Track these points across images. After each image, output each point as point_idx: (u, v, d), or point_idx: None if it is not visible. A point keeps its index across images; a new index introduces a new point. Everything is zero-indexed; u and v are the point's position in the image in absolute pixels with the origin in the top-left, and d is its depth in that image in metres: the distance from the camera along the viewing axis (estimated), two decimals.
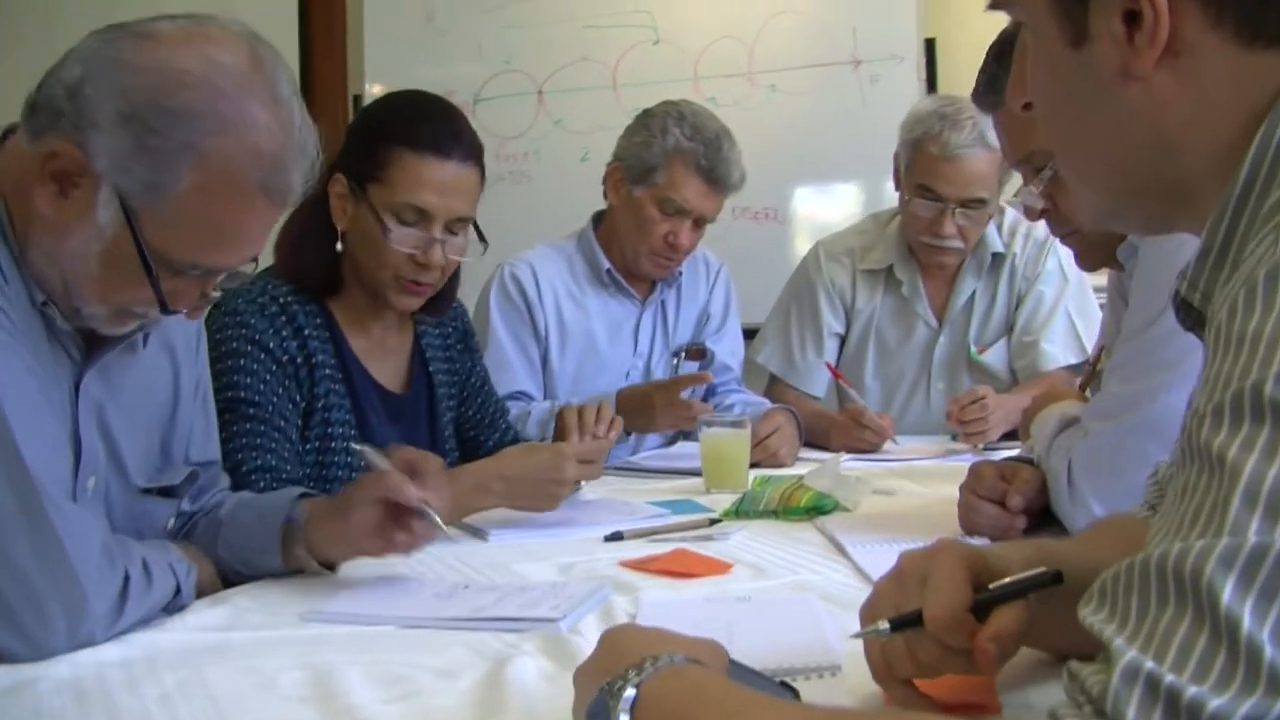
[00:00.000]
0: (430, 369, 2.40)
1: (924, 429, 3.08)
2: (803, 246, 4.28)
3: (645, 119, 3.03)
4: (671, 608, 1.53)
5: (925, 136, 3.02)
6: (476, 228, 2.25)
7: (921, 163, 3.03)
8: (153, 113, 1.34)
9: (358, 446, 1.71)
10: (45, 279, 1.43)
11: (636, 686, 0.89)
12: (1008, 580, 1.08)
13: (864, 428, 2.92)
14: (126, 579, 1.37)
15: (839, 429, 2.97)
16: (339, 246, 2.18)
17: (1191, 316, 0.95)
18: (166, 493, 1.66)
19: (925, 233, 3.07)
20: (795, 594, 1.61)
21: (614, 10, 4.43)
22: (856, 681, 1.18)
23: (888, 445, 2.92)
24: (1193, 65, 0.88)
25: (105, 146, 1.35)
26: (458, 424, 2.51)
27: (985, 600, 1.06)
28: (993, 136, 2.87)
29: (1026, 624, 1.05)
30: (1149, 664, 0.68)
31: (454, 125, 2.20)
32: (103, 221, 1.38)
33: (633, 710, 0.88)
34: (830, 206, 4.37)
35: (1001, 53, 1.92)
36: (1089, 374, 2.22)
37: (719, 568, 1.76)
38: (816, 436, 3.01)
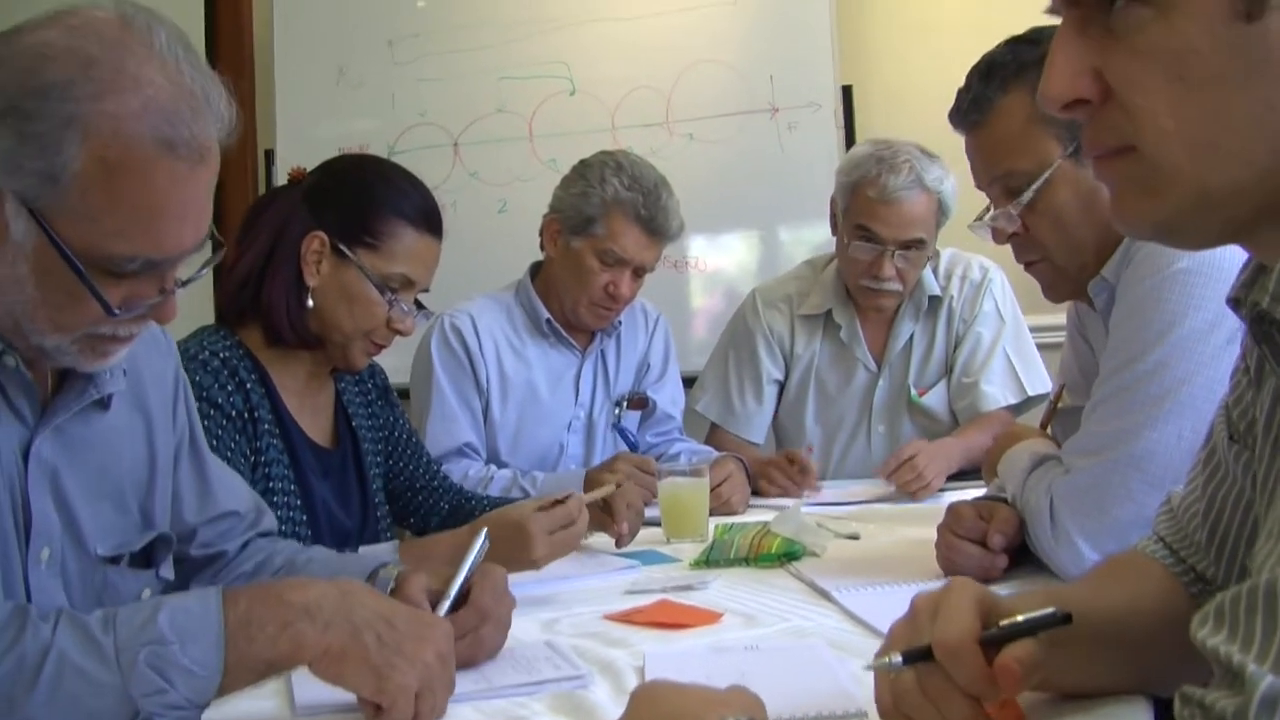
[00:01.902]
0: (354, 424, 2.40)
1: (866, 472, 3.08)
2: (724, 293, 4.31)
3: (582, 169, 3.02)
4: (678, 659, 1.51)
5: (863, 180, 3.04)
6: (416, 300, 2.30)
7: (859, 205, 3.05)
8: (23, 97, 1.26)
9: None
10: None
11: None
12: (1019, 618, 1.08)
13: (791, 464, 2.93)
14: None
15: (765, 469, 2.98)
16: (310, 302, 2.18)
17: (1263, 329, 0.95)
18: (141, 564, 1.58)
19: (864, 275, 3.08)
20: (797, 640, 1.60)
21: (530, 61, 4.41)
22: None
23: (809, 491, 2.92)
24: None
25: None
26: (388, 479, 2.50)
27: (995, 637, 1.06)
28: (930, 179, 2.93)
29: (1038, 661, 1.04)
30: None
31: (434, 202, 2.30)
32: (19, 237, 1.30)
33: None
34: (750, 253, 4.38)
35: (989, 73, 1.92)
36: (1049, 412, 2.23)
37: (708, 617, 1.74)
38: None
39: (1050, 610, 1.07)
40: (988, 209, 2.00)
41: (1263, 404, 1.08)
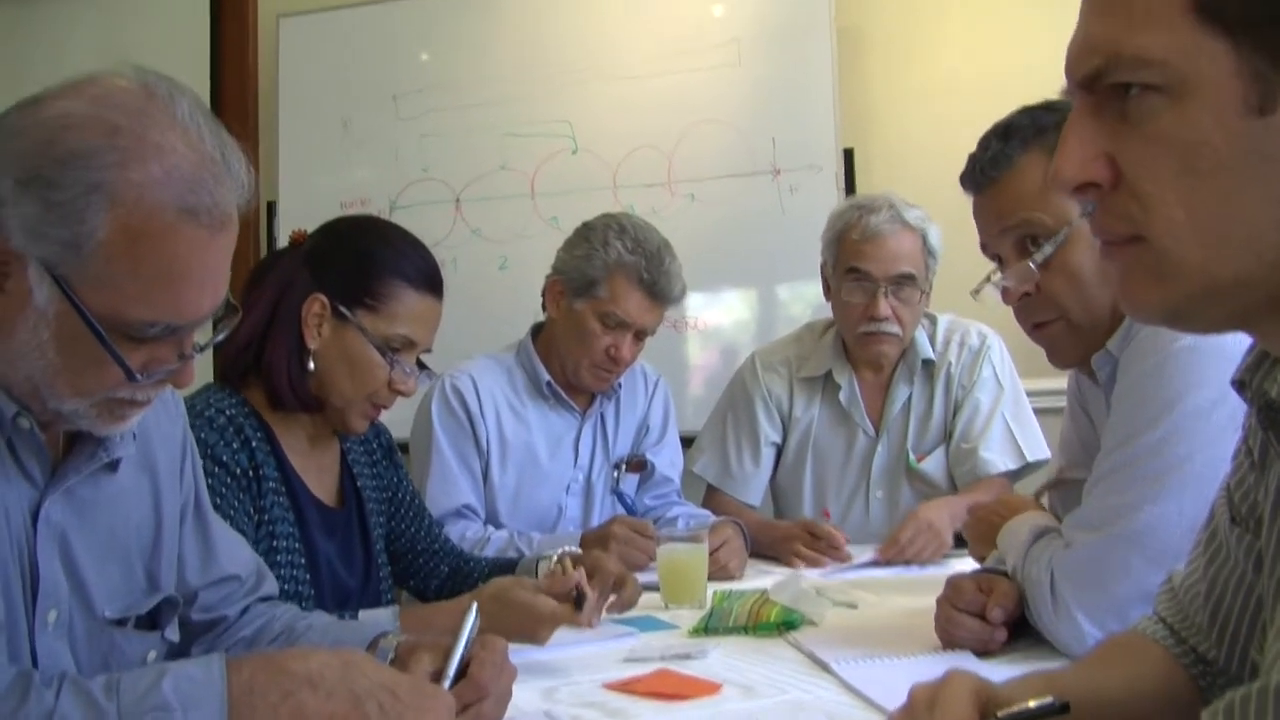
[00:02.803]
0: (358, 484, 2.39)
1: (864, 538, 3.07)
2: (721, 352, 4.32)
3: (585, 232, 3.03)
4: None
5: (846, 227, 3.12)
6: (418, 360, 2.30)
7: (846, 250, 3.11)
8: (46, 165, 1.27)
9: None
10: (12, 385, 1.36)
11: None
12: (1016, 708, 1.08)
13: (818, 539, 2.92)
14: None
15: (789, 542, 2.95)
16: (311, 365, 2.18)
17: (1271, 417, 0.95)
18: (147, 626, 1.57)
19: (861, 320, 3.10)
20: (796, 714, 1.59)
21: (533, 119, 4.45)
22: None
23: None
24: None
25: (16, 220, 1.28)
26: (389, 539, 2.48)
27: None
28: (911, 216, 3.01)
29: None
30: None
31: (435, 262, 2.29)
32: (42, 303, 1.30)
33: None
34: (749, 313, 4.39)
35: (1008, 134, 1.93)
36: (1043, 489, 2.22)
37: (708, 688, 1.74)
38: (762, 547, 2.99)
39: (1048, 700, 1.07)
40: (989, 275, 2.00)
41: (1268, 488, 1.09)
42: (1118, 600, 1.72)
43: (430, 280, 2.25)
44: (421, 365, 2.29)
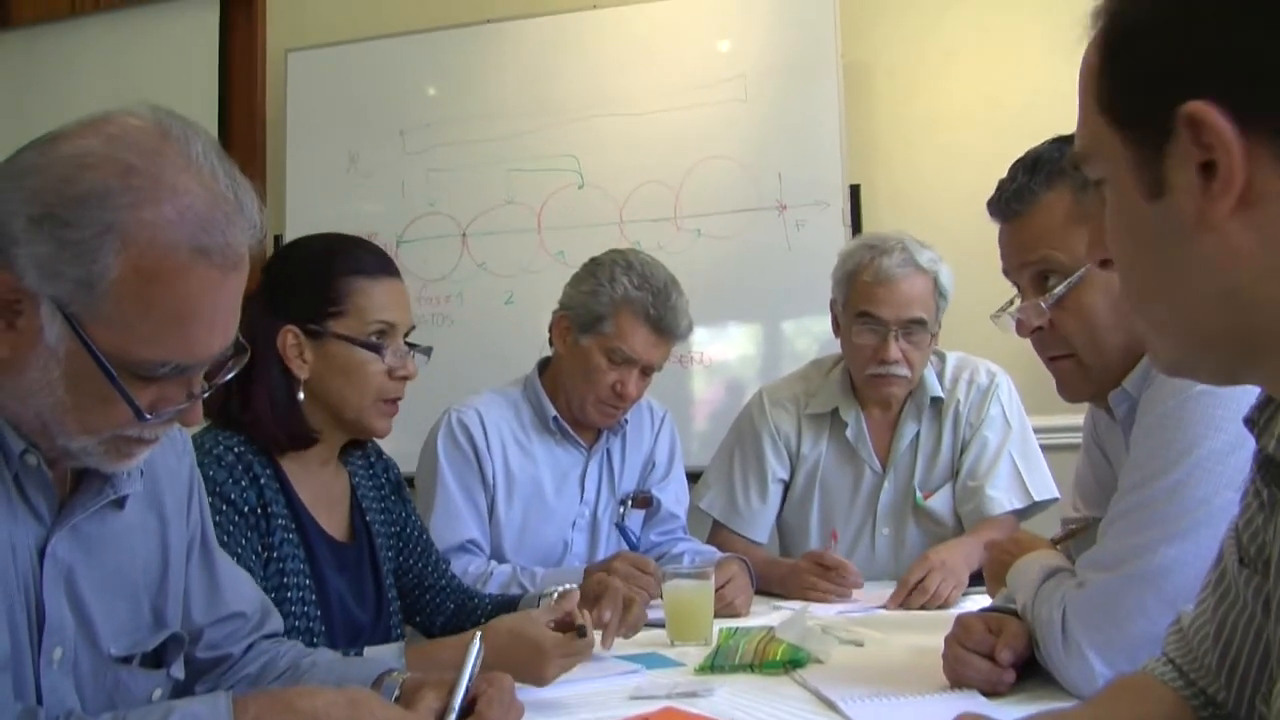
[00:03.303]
0: (368, 518, 2.38)
1: (871, 575, 3.05)
2: (726, 386, 4.31)
3: (593, 267, 3.04)
4: None
5: (858, 268, 3.10)
6: (409, 342, 2.29)
7: (857, 291, 3.09)
8: (61, 204, 1.27)
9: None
10: (20, 422, 1.36)
11: None
12: None
13: (829, 569, 2.90)
14: None
15: (800, 576, 2.94)
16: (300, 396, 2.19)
17: (1273, 473, 0.96)
18: (152, 664, 1.57)
19: (871, 362, 3.09)
20: None
21: (539, 154, 4.45)
22: None
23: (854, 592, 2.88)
24: (1268, 215, 0.88)
25: (29, 258, 1.27)
26: (397, 575, 2.48)
27: None
28: (923, 259, 2.99)
29: None
30: None
31: (378, 248, 2.33)
32: (52, 341, 1.30)
33: None
34: (754, 348, 4.38)
35: (1035, 167, 1.93)
36: (1064, 535, 2.21)
37: None
38: (768, 584, 2.98)
39: None
40: (1012, 300, 2.00)
41: (1278, 530, 1.09)
42: (1131, 640, 1.70)
43: (381, 264, 2.27)
44: (412, 345, 2.29)
